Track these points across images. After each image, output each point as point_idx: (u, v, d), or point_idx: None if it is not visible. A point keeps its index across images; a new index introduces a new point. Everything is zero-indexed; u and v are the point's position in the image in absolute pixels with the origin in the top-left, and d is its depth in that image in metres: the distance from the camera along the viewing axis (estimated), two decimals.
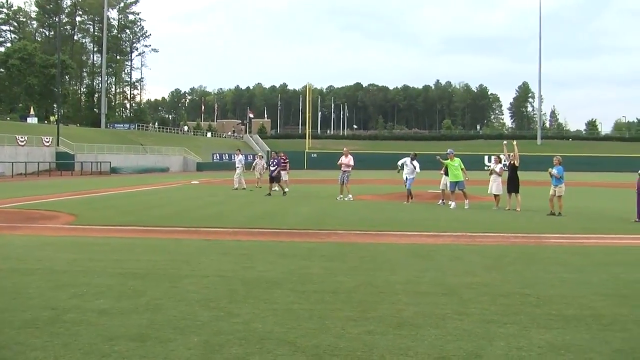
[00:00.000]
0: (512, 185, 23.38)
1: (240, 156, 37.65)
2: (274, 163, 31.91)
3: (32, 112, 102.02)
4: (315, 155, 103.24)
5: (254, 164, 38.12)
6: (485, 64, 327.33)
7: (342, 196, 28.02)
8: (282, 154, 34.95)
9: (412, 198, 26.65)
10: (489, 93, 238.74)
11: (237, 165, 37.16)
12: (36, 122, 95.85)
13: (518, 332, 6.91)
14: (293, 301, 8.24)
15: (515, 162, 23.58)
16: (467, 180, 24.86)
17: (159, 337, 6.61)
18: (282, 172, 33.86)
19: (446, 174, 25.35)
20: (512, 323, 7.24)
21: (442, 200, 25.69)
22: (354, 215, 20.95)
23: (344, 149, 30.51)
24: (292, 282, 9.58)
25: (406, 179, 26.95)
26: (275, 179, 31.61)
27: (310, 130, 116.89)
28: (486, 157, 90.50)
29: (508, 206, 23.03)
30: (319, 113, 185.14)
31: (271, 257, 12.06)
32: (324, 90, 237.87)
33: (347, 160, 28.53)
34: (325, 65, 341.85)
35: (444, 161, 24.93)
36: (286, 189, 32.19)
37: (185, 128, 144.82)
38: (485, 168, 78.61)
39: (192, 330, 6.84)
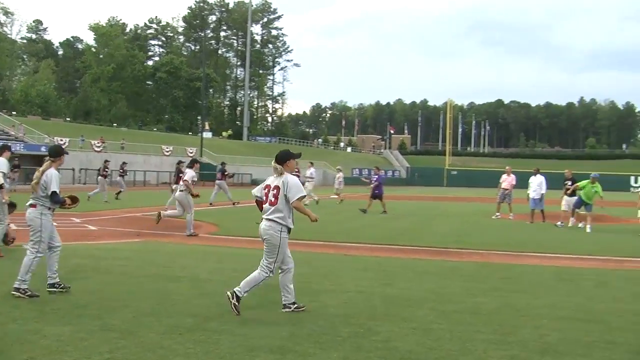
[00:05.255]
0: None
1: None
2: (375, 180, 30.34)
3: (207, 127, 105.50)
4: (455, 172, 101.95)
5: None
6: (633, 80, 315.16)
7: (498, 214, 27.79)
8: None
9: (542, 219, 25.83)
10: (636, 111, 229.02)
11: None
12: (211, 136, 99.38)
13: None
14: (432, 321, 8.14)
15: None
16: (601, 199, 23.73)
17: (299, 350, 6.64)
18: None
19: (571, 194, 24.38)
20: None
21: (561, 221, 24.43)
22: (495, 235, 20.55)
23: (507, 167, 29.90)
24: (431, 300, 9.46)
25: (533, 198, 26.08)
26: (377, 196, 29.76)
27: (451, 147, 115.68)
28: (632, 178, 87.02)
29: None
30: (460, 130, 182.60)
31: (410, 274, 11.98)
32: (465, 107, 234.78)
33: (510, 179, 28.27)
34: (467, 82, 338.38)
35: (581, 184, 23.77)
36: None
37: (342, 144, 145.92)
38: (632, 190, 75.57)
39: (332, 346, 6.84)
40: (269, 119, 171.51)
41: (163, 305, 8.65)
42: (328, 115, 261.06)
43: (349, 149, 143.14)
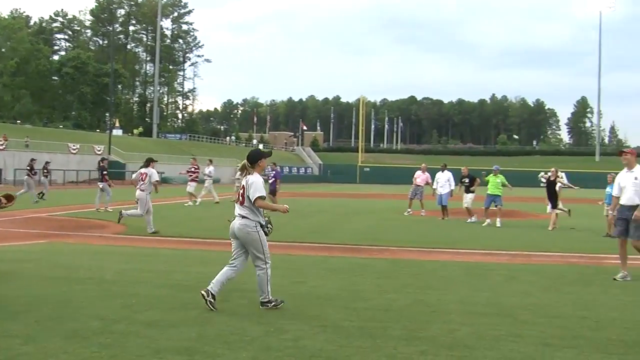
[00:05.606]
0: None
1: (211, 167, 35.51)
2: (272, 176, 29.64)
3: (117, 124, 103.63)
4: (368, 169, 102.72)
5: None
6: (543, 78, 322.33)
7: (410, 210, 28.03)
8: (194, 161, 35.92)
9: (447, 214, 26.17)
10: (546, 108, 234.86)
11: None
12: (121, 133, 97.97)
13: (576, 357, 6.64)
14: (344, 318, 8.11)
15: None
16: (510, 189, 24.21)
17: (207, 351, 6.54)
18: (191, 183, 33.05)
19: (468, 191, 24.82)
20: (570, 347, 6.97)
21: (471, 218, 24.82)
22: (407, 231, 20.80)
23: (423, 164, 30.22)
24: (342, 298, 9.47)
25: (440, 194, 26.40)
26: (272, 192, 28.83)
27: (363, 143, 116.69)
28: (542, 174, 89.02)
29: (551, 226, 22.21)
30: (372, 126, 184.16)
31: (322, 272, 11.98)
32: (378, 104, 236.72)
33: (425, 176, 28.60)
34: (379, 78, 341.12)
35: (486, 178, 24.22)
36: (189, 203, 31.73)
37: (254, 142, 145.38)
38: (542, 185, 77.13)
39: (241, 346, 6.76)
40: (180, 116, 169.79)
41: (68, 308, 8.41)
42: (239, 111, 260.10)
43: (261, 146, 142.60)
